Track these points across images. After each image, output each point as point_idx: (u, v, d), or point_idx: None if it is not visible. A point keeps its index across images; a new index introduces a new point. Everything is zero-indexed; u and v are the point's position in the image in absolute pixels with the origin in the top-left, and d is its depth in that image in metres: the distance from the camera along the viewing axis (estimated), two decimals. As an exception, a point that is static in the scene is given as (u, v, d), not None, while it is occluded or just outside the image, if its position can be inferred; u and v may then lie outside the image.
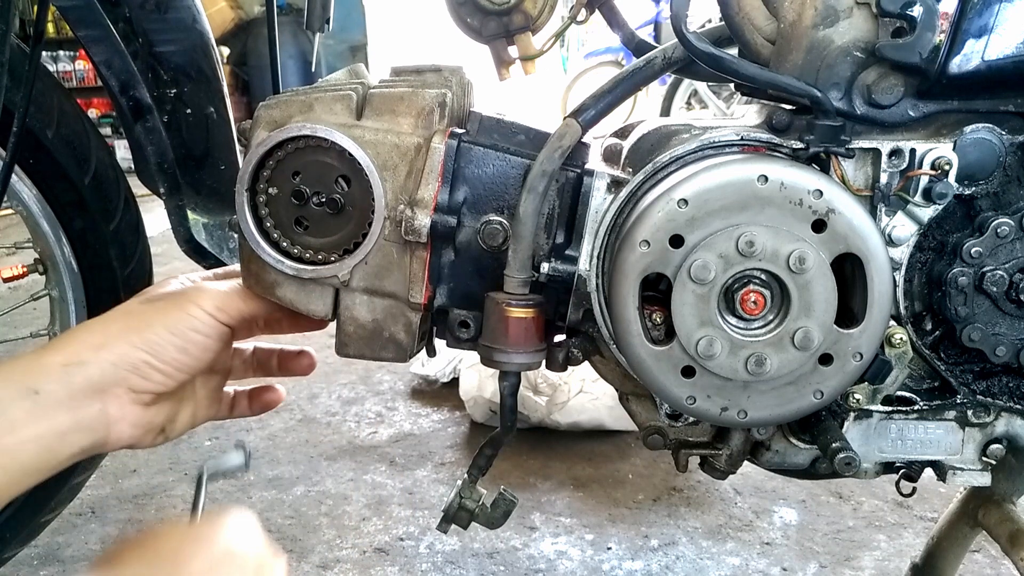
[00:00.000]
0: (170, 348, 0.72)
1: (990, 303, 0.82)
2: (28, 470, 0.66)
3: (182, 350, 0.73)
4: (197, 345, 0.74)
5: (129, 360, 0.70)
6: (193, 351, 0.74)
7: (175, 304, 0.75)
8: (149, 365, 0.71)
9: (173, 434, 0.78)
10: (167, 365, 0.72)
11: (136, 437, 0.73)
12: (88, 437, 0.69)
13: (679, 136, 0.81)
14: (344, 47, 5.89)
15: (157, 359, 0.71)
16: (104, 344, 0.70)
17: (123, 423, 0.71)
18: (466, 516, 0.88)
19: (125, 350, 0.70)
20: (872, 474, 0.90)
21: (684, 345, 0.74)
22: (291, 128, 0.77)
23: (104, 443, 0.70)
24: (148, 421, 0.73)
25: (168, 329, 0.72)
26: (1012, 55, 0.77)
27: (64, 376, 0.67)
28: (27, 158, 1.23)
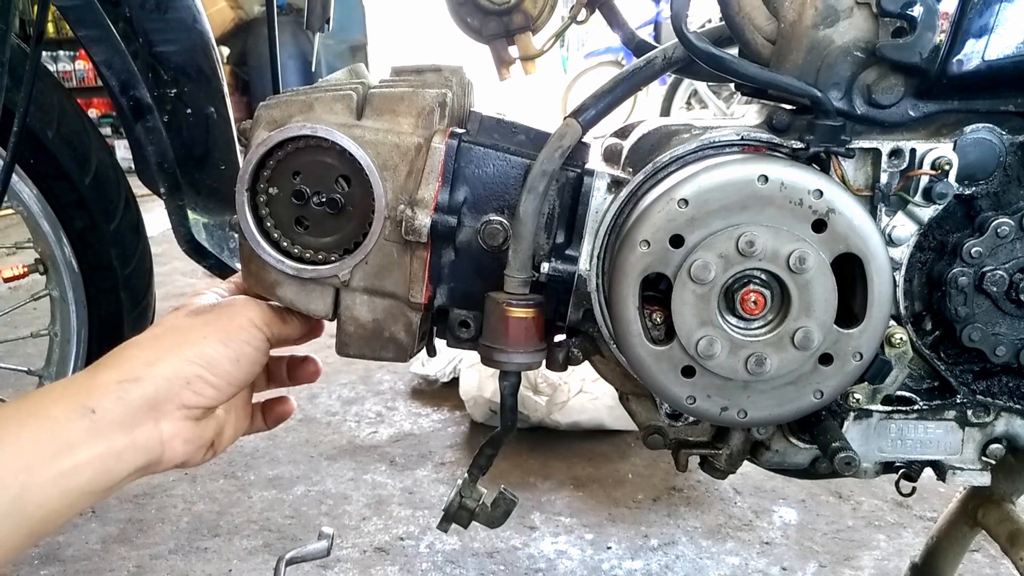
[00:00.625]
0: (224, 362, 0.71)
1: (990, 303, 0.82)
2: (86, 492, 0.65)
3: (235, 363, 0.72)
4: (249, 358, 0.74)
5: (183, 375, 0.69)
6: (245, 364, 0.73)
7: (228, 317, 0.74)
8: (202, 380, 0.70)
9: (220, 448, 0.78)
10: (220, 379, 0.71)
11: (189, 454, 0.72)
12: (143, 456, 0.68)
13: (679, 136, 0.81)
14: (344, 47, 5.89)
15: (211, 373, 0.71)
16: (158, 359, 0.69)
17: (176, 440, 0.70)
18: (466, 515, 0.88)
19: (179, 365, 0.69)
20: (872, 474, 0.90)
21: (684, 345, 0.74)
22: (291, 128, 0.77)
23: (159, 462, 0.69)
24: (199, 436, 0.72)
25: (222, 343, 0.72)
26: (1012, 55, 0.77)
27: (119, 393, 0.66)
28: (27, 158, 1.23)
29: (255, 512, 1.74)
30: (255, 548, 1.60)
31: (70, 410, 0.64)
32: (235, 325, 0.74)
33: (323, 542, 1.36)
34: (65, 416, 0.64)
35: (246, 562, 1.56)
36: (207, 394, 0.71)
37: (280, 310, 0.80)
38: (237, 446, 2.02)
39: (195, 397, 0.70)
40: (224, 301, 0.78)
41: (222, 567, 1.56)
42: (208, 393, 0.71)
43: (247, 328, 0.74)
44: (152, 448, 0.68)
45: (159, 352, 0.70)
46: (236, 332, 0.73)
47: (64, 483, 0.63)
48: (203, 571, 1.55)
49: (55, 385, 0.69)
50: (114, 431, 0.65)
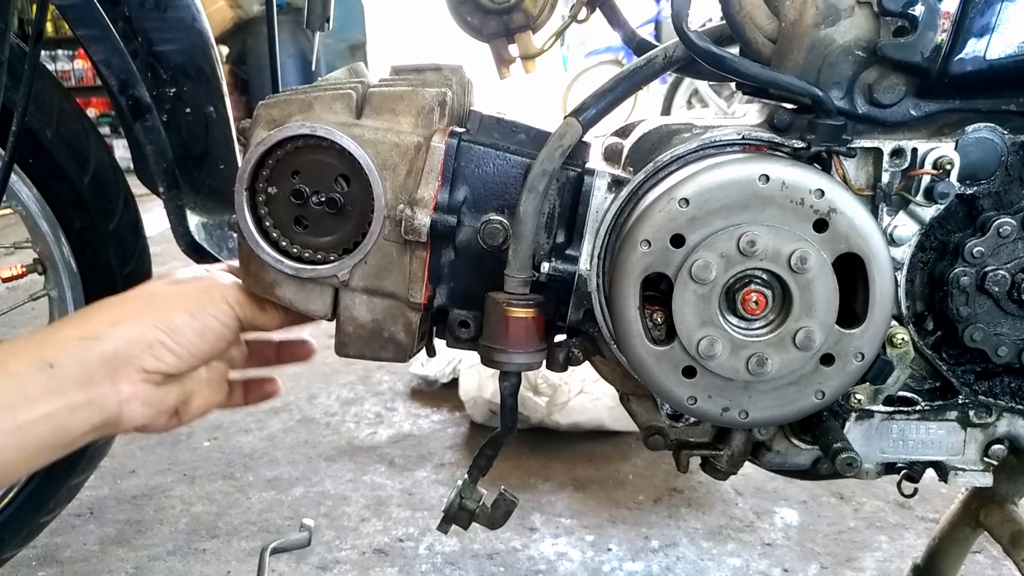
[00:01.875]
0: (188, 331, 0.72)
1: (992, 303, 0.81)
2: (42, 447, 0.65)
3: (199, 334, 0.73)
4: (214, 332, 0.74)
5: (145, 339, 0.70)
6: (209, 337, 0.74)
7: (201, 289, 0.75)
8: (164, 346, 0.71)
9: (187, 418, 0.78)
10: (182, 348, 0.72)
11: (149, 417, 0.72)
12: (100, 415, 0.68)
13: (680, 135, 0.81)
14: (344, 46, 5.89)
15: (173, 340, 0.71)
16: (121, 320, 0.70)
17: (135, 402, 0.70)
18: (466, 516, 0.88)
19: (142, 328, 0.70)
20: (873, 475, 0.90)
21: (685, 345, 0.74)
22: (291, 127, 0.77)
23: (117, 421, 0.70)
24: (160, 401, 0.73)
25: (189, 312, 0.73)
26: (1014, 54, 0.77)
27: (79, 350, 0.67)
28: (26, 158, 1.22)
29: (254, 513, 1.73)
30: (254, 549, 1.60)
31: (29, 364, 0.65)
32: (206, 298, 0.74)
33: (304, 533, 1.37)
34: (24, 370, 0.65)
35: (244, 563, 1.56)
36: (167, 360, 0.71)
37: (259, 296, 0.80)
38: (235, 446, 2.02)
39: (155, 362, 0.70)
40: (203, 275, 0.79)
41: (220, 568, 1.55)
42: (168, 359, 0.71)
43: (218, 303, 0.75)
44: (109, 407, 0.69)
45: (124, 314, 0.71)
46: (205, 304, 0.74)
47: (21, 437, 0.64)
48: (201, 572, 1.55)
49: (16, 339, 0.69)
50: (71, 387, 0.66)
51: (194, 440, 2.06)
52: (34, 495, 1.35)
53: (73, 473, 1.39)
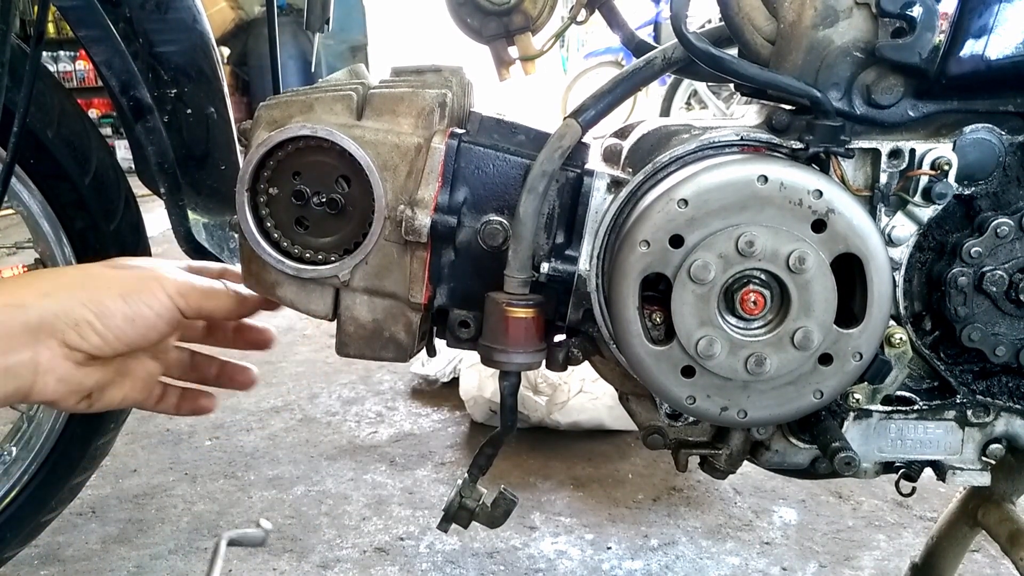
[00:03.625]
0: (117, 315, 0.71)
1: (990, 303, 0.82)
2: None
3: (129, 321, 0.71)
4: (146, 321, 0.72)
5: (71, 315, 0.69)
6: (140, 326, 0.72)
7: (137, 276, 0.74)
8: (90, 325, 0.69)
9: (98, 404, 0.76)
10: (108, 331, 0.70)
11: (60, 394, 0.71)
12: (13, 383, 0.67)
13: (679, 136, 0.81)
14: (344, 47, 5.89)
15: (100, 322, 0.70)
16: (50, 293, 0.69)
17: (50, 376, 0.69)
18: (466, 515, 0.88)
19: (70, 304, 0.69)
20: (872, 474, 0.91)
21: (684, 345, 0.74)
22: (292, 128, 0.77)
23: (28, 392, 0.69)
24: (78, 382, 0.71)
25: (122, 296, 0.71)
26: (1012, 55, 0.77)
27: (4, 316, 0.66)
28: (28, 158, 1.23)
29: (255, 512, 1.74)
30: (255, 549, 1.60)
31: None
32: (143, 286, 0.73)
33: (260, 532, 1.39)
34: None
35: (246, 562, 1.56)
36: (92, 341, 0.70)
37: (208, 283, 0.78)
38: (237, 445, 2.02)
39: (78, 339, 0.69)
40: (147, 264, 0.78)
41: (222, 567, 1.56)
42: (93, 340, 0.70)
43: (154, 292, 0.73)
44: (24, 375, 0.68)
45: (56, 287, 0.70)
46: (140, 292, 0.72)
47: None
48: (203, 571, 1.55)
49: None
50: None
51: (196, 439, 2.07)
52: (35, 494, 1.35)
53: (75, 472, 1.39)
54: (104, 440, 1.41)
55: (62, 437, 1.35)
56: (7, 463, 1.33)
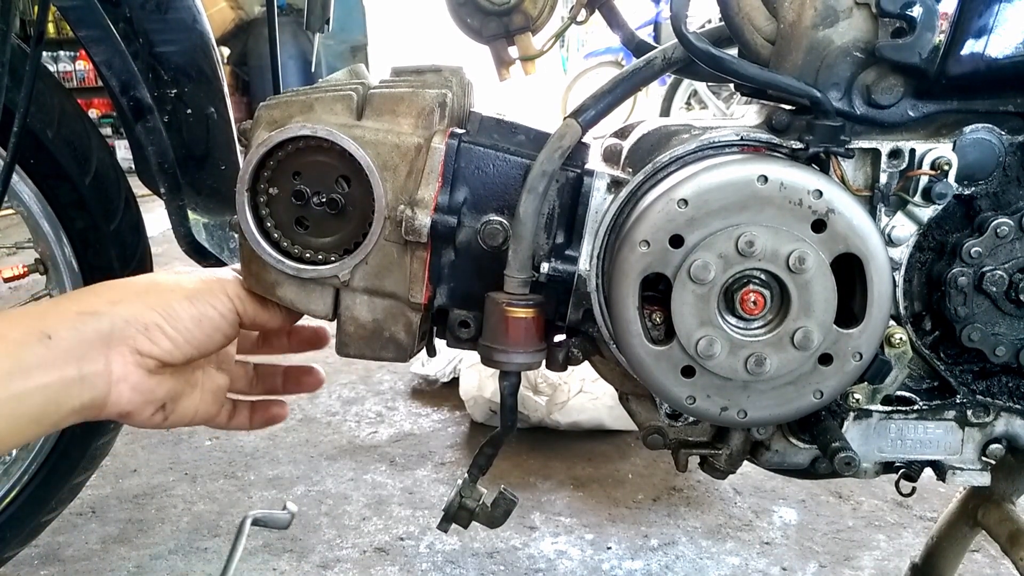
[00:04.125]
0: (185, 318, 0.72)
1: (989, 303, 0.82)
2: (33, 420, 0.65)
3: (196, 322, 0.73)
4: (212, 323, 0.75)
5: (142, 319, 0.70)
6: (207, 327, 0.74)
7: (200, 279, 0.76)
8: (160, 329, 0.71)
9: (173, 416, 0.77)
10: (178, 334, 0.72)
11: (136, 404, 0.72)
12: (90, 392, 0.68)
13: (679, 136, 0.81)
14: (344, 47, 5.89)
15: (169, 325, 0.71)
16: (121, 300, 0.70)
17: (124, 384, 0.70)
18: (466, 515, 0.88)
19: (140, 309, 0.70)
20: (872, 474, 0.91)
21: (684, 345, 0.74)
22: (292, 128, 0.77)
23: (104, 403, 0.70)
24: (150, 390, 0.72)
25: (188, 300, 0.73)
26: (1012, 55, 0.77)
27: (76, 324, 0.67)
28: (28, 158, 1.23)
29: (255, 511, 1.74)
30: (255, 548, 1.60)
31: (27, 334, 0.65)
32: (206, 287, 0.75)
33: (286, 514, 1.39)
34: (21, 339, 0.65)
35: (246, 562, 1.56)
36: (163, 345, 0.71)
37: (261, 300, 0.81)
38: (237, 445, 2.02)
39: (149, 345, 0.70)
40: (207, 271, 0.80)
41: (222, 567, 1.56)
42: (164, 344, 0.71)
43: (217, 294, 0.75)
44: (99, 385, 0.68)
45: (125, 294, 0.71)
46: (205, 294, 0.75)
47: (15, 406, 0.64)
48: (203, 571, 1.56)
49: (15, 310, 0.69)
50: (66, 361, 0.66)
51: (196, 439, 2.07)
52: (36, 494, 1.35)
53: (75, 472, 1.39)
54: (104, 440, 1.41)
55: (62, 437, 1.35)
56: (7, 463, 1.33)
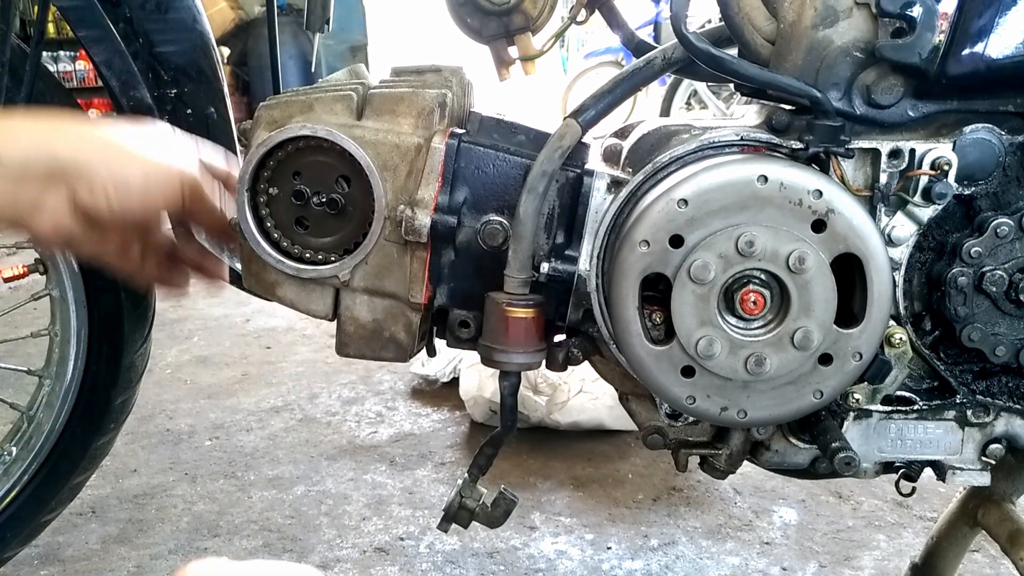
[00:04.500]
0: (133, 195, 0.72)
1: (989, 303, 0.82)
2: None
3: (140, 202, 0.72)
4: (154, 207, 0.74)
5: (92, 176, 0.70)
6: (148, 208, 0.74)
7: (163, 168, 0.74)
8: (104, 192, 0.71)
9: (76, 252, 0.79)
10: (119, 203, 0.72)
11: (49, 235, 0.73)
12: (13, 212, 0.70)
13: (679, 136, 0.81)
14: (344, 47, 5.88)
15: (115, 194, 0.71)
16: (81, 150, 0.70)
17: (48, 218, 0.71)
18: (467, 515, 0.88)
19: (96, 168, 0.70)
20: (872, 474, 0.91)
21: (684, 345, 0.74)
22: (292, 128, 0.77)
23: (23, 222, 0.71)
24: (69, 231, 0.73)
25: (144, 180, 0.72)
26: (1012, 55, 0.77)
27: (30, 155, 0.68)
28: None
29: (255, 512, 1.74)
30: (255, 548, 1.60)
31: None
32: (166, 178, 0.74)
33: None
34: None
35: (246, 562, 1.56)
36: (100, 205, 0.71)
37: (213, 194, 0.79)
38: (236, 445, 2.02)
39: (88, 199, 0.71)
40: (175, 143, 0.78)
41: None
42: (101, 205, 0.71)
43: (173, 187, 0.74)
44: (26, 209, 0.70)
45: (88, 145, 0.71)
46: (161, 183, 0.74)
47: None
48: (203, 571, 1.55)
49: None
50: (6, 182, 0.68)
51: (196, 439, 2.07)
52: (36, 494, 1.35)
53: (75, 472, 1.39)
54: (104, 440, 1.41)
55: (62, 437, 1.35)
56: (7, 463, 1.33)
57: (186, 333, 2.84)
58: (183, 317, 2.99)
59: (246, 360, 2.60)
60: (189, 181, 0.76)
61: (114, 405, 1.36)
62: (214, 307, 3.07)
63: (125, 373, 1.35)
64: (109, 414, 1.37)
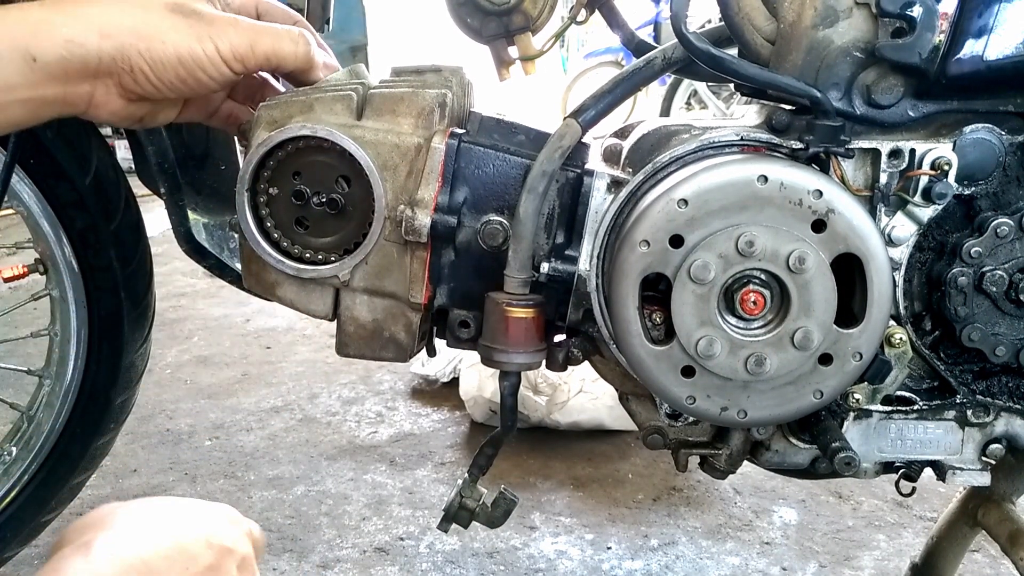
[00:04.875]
0: (172, 76, 0.71)
1: (990, 303, 0.82)
2: (11, 125, 0.69)
3: (182, 80, 0.72)
4: (198, 83, 0.73)
5: (129, 62, 0.70)
6: (191, 85, 0.73)
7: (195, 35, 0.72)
8: (145, 76, 0.71)
9: (151, 124, 0.79)
10: (162, 83, 0.72)
11: (112, 121, 0.75)
12: (70, 109, 0.71)
13: (679, 136, 0.81)
14: (344, 47, 5.87)
15: (155, 75, 0.71)
16: (112, 35, 0.69)
17: (103, 109, 0.72)
18: (467, 515, 0.88)
19: (129, 52, 0.70)
20: (872, 474, 0.91)
21: (684, 345, 0.74)
22: (292, 128, 0.77)
23: (83, 115, 0.73)
24: (129, 114, 0.74)
25: (178, 56, 0.71)
26: (1011, 55, 0.77)
27: (63, 51, 0.68)
28: (28, 158, 1.23)
29: (255, 512, 1.74)
30: (255, 548, 1.60)
31: (12, 50, 0.66)
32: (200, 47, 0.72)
33: None
34: (8, 56, 0.66)
35: (246, 562, 1.56)
36: (145, 88, 0.71)
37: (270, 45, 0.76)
38: (236, 445, 2.02)
39: (133, 84, 0.71)
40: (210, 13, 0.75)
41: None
42: (146, 88, 0.71)
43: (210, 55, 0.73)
44: (79, 105, 0.71)
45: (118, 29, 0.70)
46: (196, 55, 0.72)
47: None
48: (203, 571, 1.55)
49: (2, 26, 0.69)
50: (49, 82, 0.68)
51: (196, 439, 2.07)
52: (36, 494, 1.35)
53: (75, 472, 1.39)
54: (104, 440, 1.41)
55: (62, 437, 1.35)
56: (7, 463, 1.33)
57: (186, 333, 2.83)
58: (183, 317, 2.99)
59: (246, 360, 2.60)
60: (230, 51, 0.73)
61: (114, 405, 1.36)
62: (214, 307, 3.07)
63: (125, 373, 1.35)
64: (109, 414, 1.37)
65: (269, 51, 0.75)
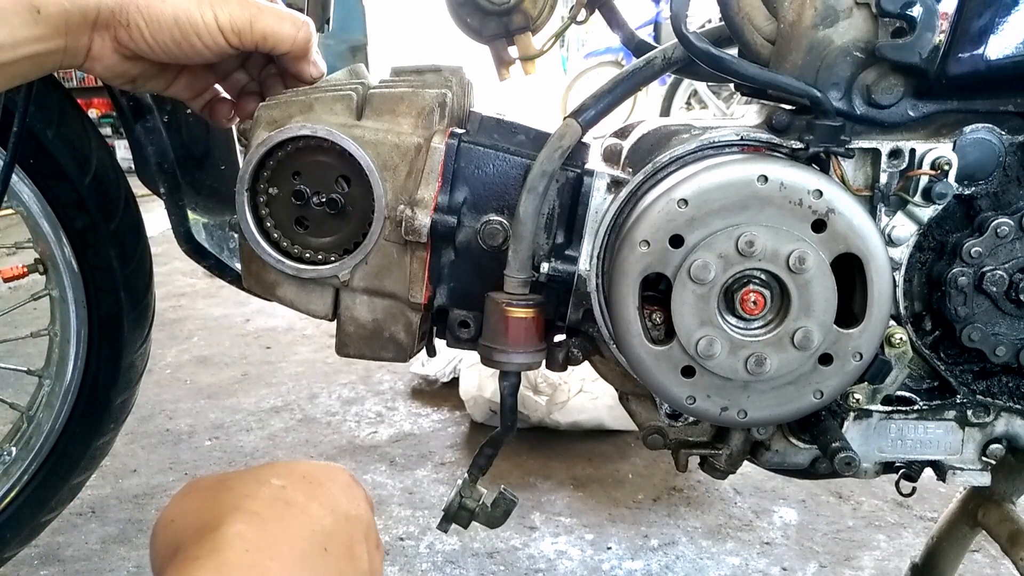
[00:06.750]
0: (167, 37, 0.73)
1: (990, 303, 0.82)
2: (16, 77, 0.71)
3: (176, 43, 0.74)
4: (193, 49, 0.74)
5: (127, 16, 0.72)
6: (187, 51, 0.74)
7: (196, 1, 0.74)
8: (140, 33, 0.72)
9: (142, 89, 0.81)
10: (156, 43, 0.73)
11: (106, 77, 0.76)
12: (70, 60, 0.73)
13: (679, 136, 0.81)
14: (344, 47, 5.88)
15: (150, 33, 0.73)
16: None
17: (99, 63, 0.74)
18: (466, 515, 0.88)
19: (128, 7, 0.72)
20: (872, 474, 0.91)
21: (684, 345, 0.74)
22: (291, 128, 0.77)
23: (79, 66, 0.74)
24: (124, 71, 0.76)
25: (175, 18, 0.73)
26: (1012, 55, 0.77)
27: (67, 2, 0.70)
28: (27, 158, 1.22)
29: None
30: (255, 548, 1.60)
31: (18, 4, 0.68)
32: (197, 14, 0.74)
33: None
34: (12, 9, 0.68)
35: (246, 562, 1.56)
36: (140, 47, 0.73)
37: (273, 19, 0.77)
38: (236, 445, 2.02)
39: (128, 39, 0.73)
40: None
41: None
42: (142, 47, 0.73)
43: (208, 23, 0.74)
44: (78, 57, 0.73)
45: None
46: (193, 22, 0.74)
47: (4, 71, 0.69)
48: (203, 571, 1.55)
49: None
50: (53, 35, 0.70)
51: (196, 439, 2.07)
52: (35, 494, 1.35)
53: (74, 472, 1.39)
54: (104, 440, 1.41)
55: (62, 437, 1.35)
56: (7, 463, 1.33)
57: (186, 333, 2.83)
58: (183, 317, 2.99)
59: (246, 360, 2.60)
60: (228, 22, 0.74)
61: (114, 405, 1.36)
62: (214, 307, 3.07)
63: (125, 373, 1.35)
64: (109, 414, 1.37)
65: (268, 30, 0.76)
